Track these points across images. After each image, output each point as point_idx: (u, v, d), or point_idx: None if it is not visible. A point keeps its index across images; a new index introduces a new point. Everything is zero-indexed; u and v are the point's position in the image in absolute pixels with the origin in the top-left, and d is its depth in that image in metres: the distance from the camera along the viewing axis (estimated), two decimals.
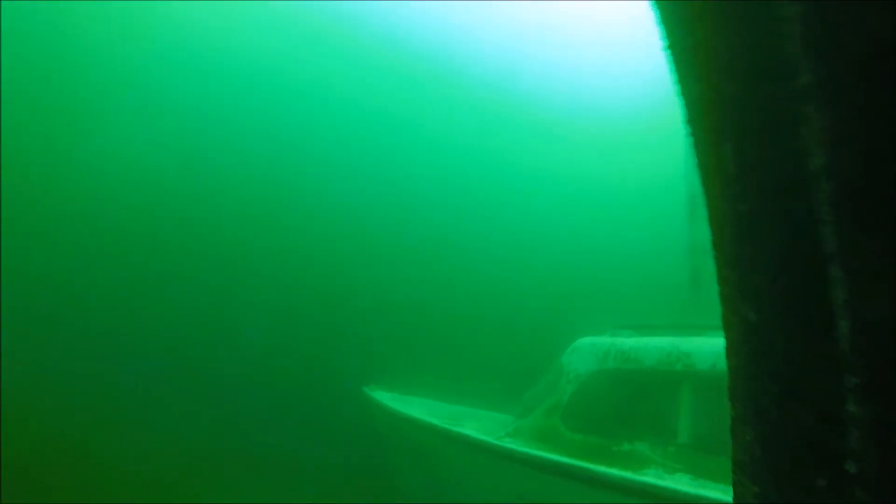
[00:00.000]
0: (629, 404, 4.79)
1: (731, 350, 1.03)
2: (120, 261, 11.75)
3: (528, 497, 4.73)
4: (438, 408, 7.07)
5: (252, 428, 8.89)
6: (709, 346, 4.53)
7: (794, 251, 0.81)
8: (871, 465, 0.75)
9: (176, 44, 14.47)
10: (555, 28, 15.48)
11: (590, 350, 5.23)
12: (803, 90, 0.76)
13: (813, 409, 0.82)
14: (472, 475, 5.30)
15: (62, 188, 12.07)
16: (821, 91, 0.74)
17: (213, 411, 9.23)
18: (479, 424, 6.09)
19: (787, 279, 0.84)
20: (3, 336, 9.16)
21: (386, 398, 6.90)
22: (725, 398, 3.54)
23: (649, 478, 4.12)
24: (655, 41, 1.13)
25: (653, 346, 4.83)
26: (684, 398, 4.50)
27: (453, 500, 5.47)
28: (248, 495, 7.33)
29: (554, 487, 4.54)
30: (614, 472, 4.25)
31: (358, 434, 7.29)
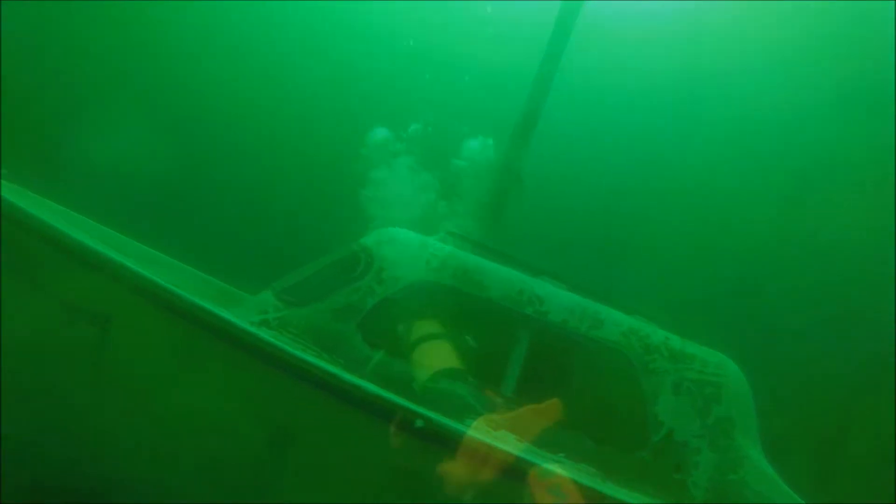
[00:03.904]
0: (455, 334, 3.87)
1: None
2: None
3: (293, 427, 3.27)
4: (113, 240, 4.48)
5: None
6: (561, 299, 4.03)
7: None
8: None
9: None
10: None
11: (418, 251, 4.00)
12: None
13: None
14: (192, 374, 3.38)
15: None
16: None
17: None
18: (189, 287, 4.03)
19: None
20: None
21: (15, 196, 3.81)
22: (563, 357, 2.82)
23: (474, 431, 3.34)
24: None
25: (501, 275, 4.00)
26: (520, 347, 3.88)
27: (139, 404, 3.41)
28: None
29: (337, 417, 3.23)
30: (432, 415, 3.26)
31: None
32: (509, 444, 3.42)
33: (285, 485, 3.34)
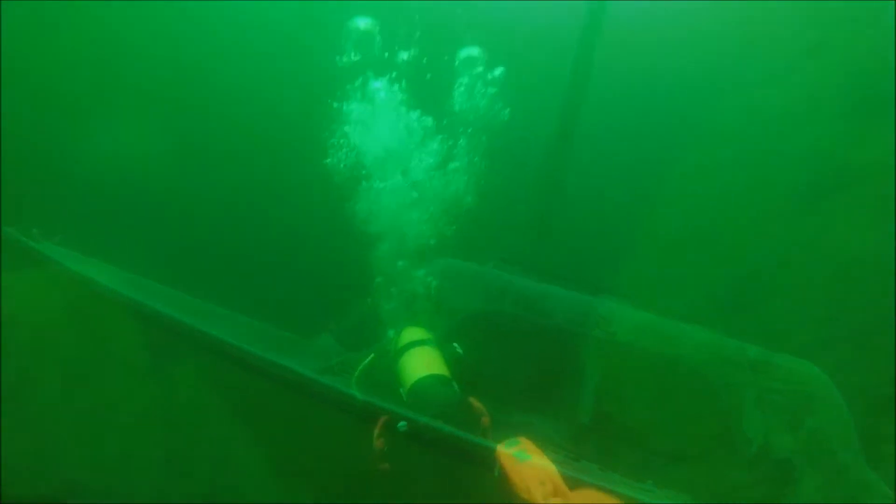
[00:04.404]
0: (523, 363, 3.73)
1: None
2: None
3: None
4: (163, 295, 4.49)
5: None
6: (629, 316, 3.85)
7: None
8: None
9: None
10: None
11: (475, 281, 3.90)
12: None
13: None
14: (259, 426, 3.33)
15: None
16: None
17: None
18: (244, 337, 3.98)
19: None
20: None
21: (55, 252, 3.86)
22: (638, 378, 2.49)
23: (564, 468, 3.16)
24: None
25: (563, 298, 3.86)
26: (591, 371, 3.72)
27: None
28: None
29: (423, 464, 3.13)
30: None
31: None
32: (598, 478, 3.25)
33: None
